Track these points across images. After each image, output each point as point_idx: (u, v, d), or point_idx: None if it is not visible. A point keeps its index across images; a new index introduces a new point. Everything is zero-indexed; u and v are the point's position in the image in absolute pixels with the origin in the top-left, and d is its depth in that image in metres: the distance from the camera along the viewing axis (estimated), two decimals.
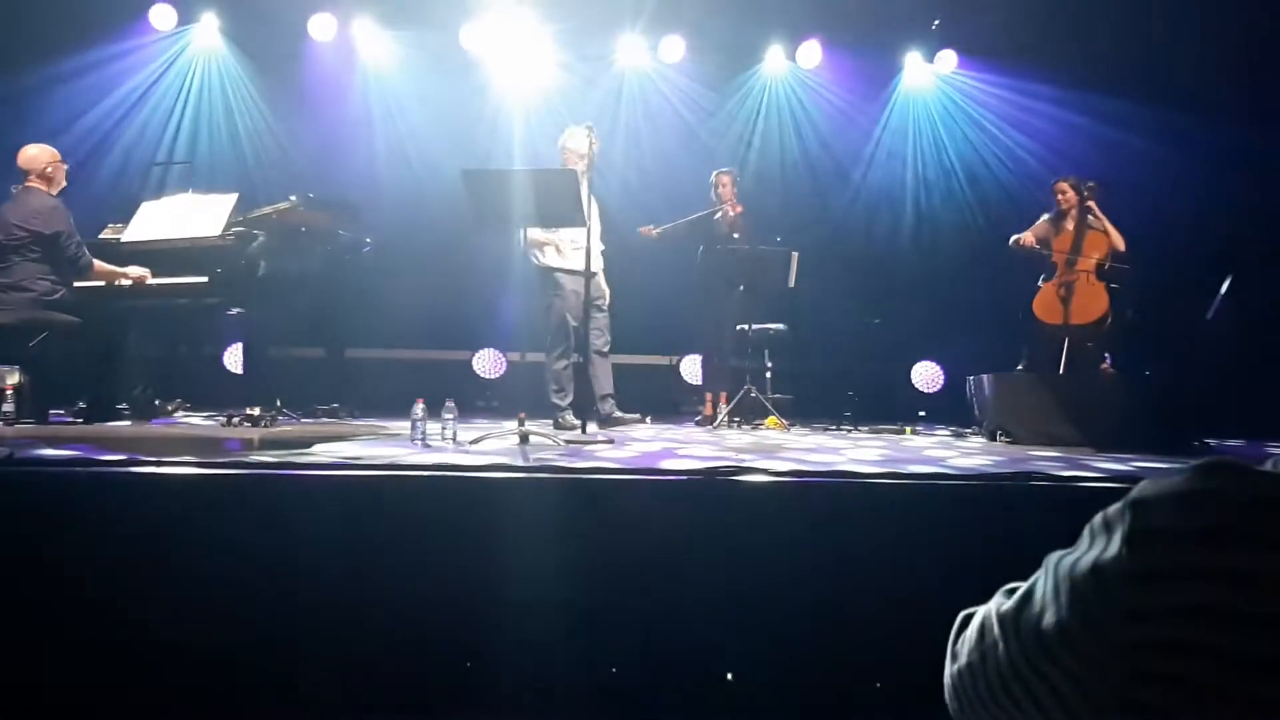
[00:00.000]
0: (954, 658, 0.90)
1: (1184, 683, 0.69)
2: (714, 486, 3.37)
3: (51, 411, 5.25)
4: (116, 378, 5.36)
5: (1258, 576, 0.68)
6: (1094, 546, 0.76)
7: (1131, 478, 3.72)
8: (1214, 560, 0.69)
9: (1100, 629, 0.74)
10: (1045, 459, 4.49)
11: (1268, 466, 0.77)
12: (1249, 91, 7.67)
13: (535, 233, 5.75)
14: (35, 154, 5.32)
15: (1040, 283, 6.38)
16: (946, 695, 0.90)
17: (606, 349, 5.99)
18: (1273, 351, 6.76)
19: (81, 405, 5.30)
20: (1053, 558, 0.80)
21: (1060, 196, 6.50)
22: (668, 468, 3.67)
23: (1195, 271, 6.69)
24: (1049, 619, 0.77)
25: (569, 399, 5.84)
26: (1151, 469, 4.13)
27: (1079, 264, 6.23)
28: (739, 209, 6.93)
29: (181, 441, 4.57)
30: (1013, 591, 0.85)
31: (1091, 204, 6.36)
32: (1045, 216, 6.60)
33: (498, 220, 5.05)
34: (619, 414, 5.75)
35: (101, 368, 5.30)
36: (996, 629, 0.84)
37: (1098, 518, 0.77)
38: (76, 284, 5.30)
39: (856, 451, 4.81)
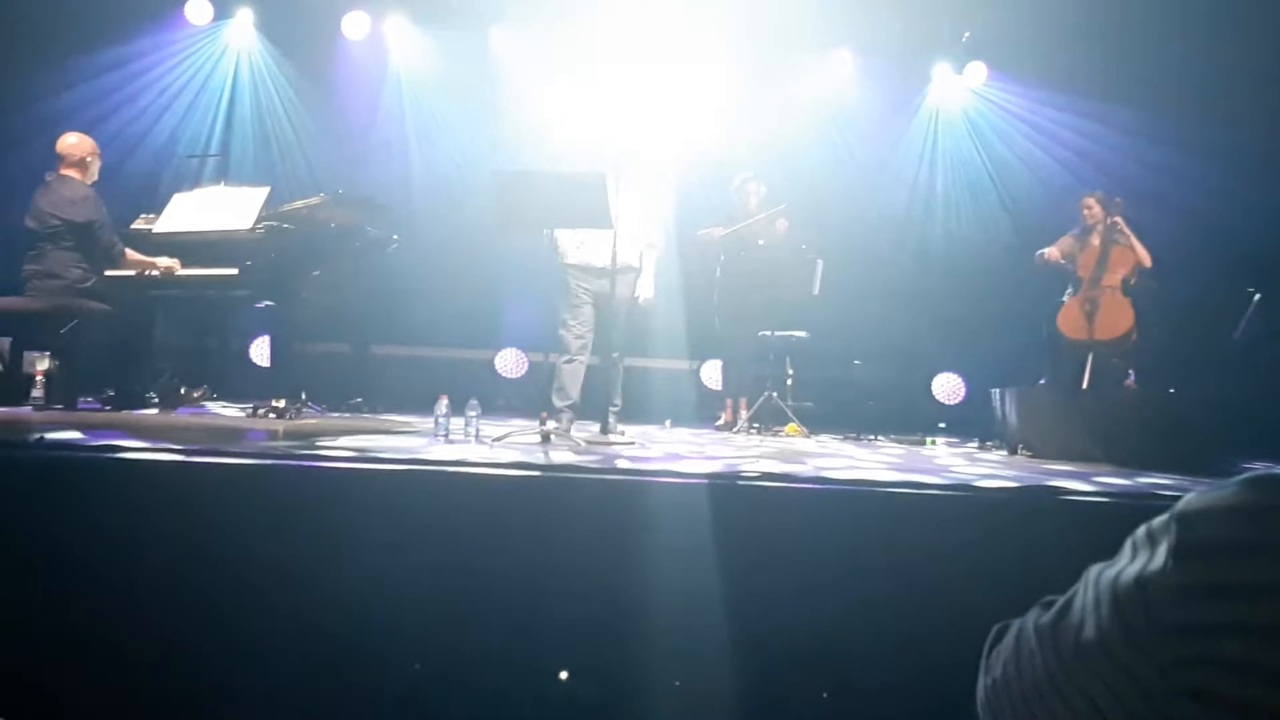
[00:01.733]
0: (988, 670, 0.89)
1: (1228, 701, 0.68)
2: (735, 491, 3.38)
3: (80, 398, 5.31)
4: (145, 366, 5.41)
5: None
6: (1138, 559, 0.74)
7: (1154, 495, 3.70)
8: (1264, 576, 0.68)
9: (1143, 643, 0.73)
10: (1067, 474, 4.47)
11: None
12: None
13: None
14: (75, 142, 5.38)
15: (1065, 297, 6.36)
16: (979, 707, 0.89)
17: (615, 354, 5.52)
18: None
19: (110, 393, 5.35)
20: (1093, 570, 0.79)
21: (1086, 212, 6.48)
22: (687, 471, 3.67)
23: (1223, 289, 6.64)
24: (1089, 631, 0.76)
25: (565, 399, 5.44)
26: (1174, 486, 4.10)
27: (1104, 280, 6.19)
28: (785, 224, 6.84)
29: (207, 431, 4.61)
30: (1050, 604, 0.83)
31: (1119, 220, 6.32)
32: (1072, 232, 6.57)
33: (525, 222, 5.07)
34: (610, 426, 5.20)
35: (130, 356, 5.36)
36: (1034, 641, 0.82)
37: (1141, 530, 0.76)
38: (108, 273, 5.35)
39: (878, 461, 4.80)
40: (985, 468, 4.69)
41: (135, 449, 3.31)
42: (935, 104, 9.11)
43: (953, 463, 5.00)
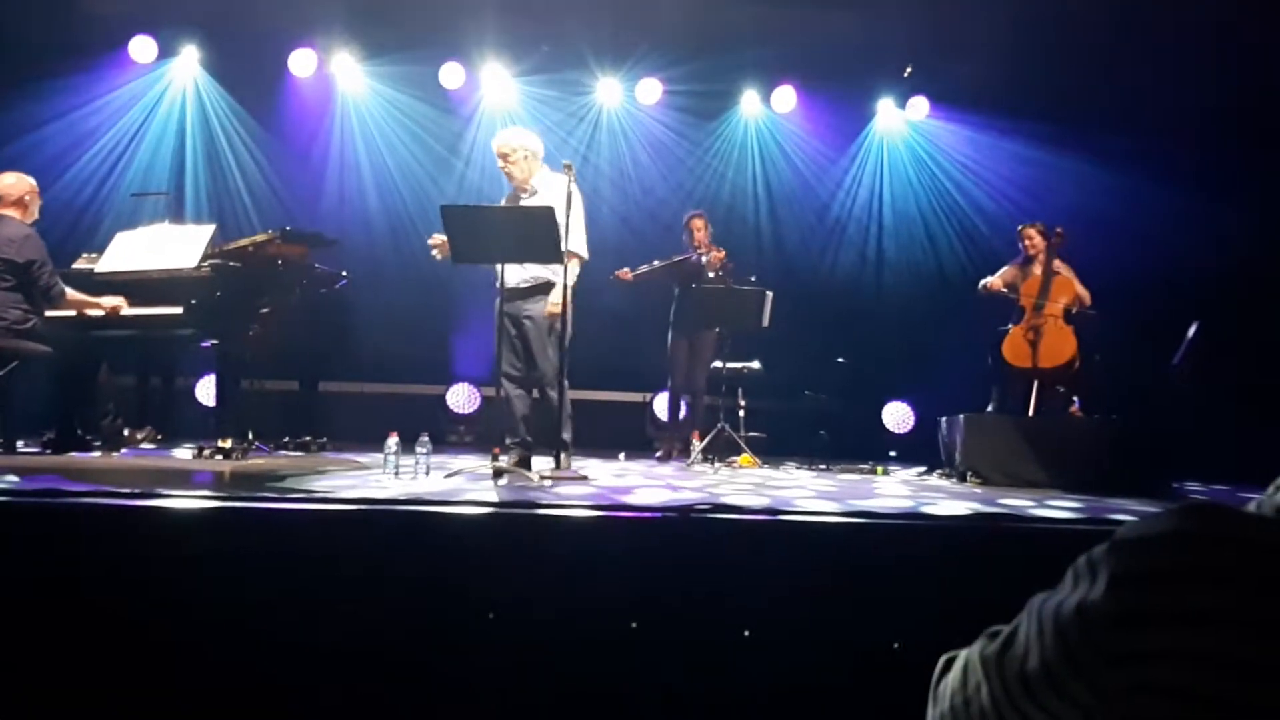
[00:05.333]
0: (935, 701, 0.90)
1: None
2: (688, 524, 3.38)
3: (19, 442, 5.19)
4: (87, 408, 5.30)
5: (1244, 619, 0.68)
6: (1078, 588, 0.75)
7: (1101, 520, 3.76)
8: (1200, 603, 0.69)
9: (1086, 672, 0.73)
10: (1016, 501, 4.53)
11: (1251, 508, 0.77)
12: (1216, 137, 7.83)
13: None
14: (12, 182, 5.28)
15: (1009, 326, 6.46)
16: None
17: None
18: (1238, 396, 6.86)
19: (50, 436, 5.23)
20: (1036, 600, 0.79)
21: (1028, 242, 6.61)
22: (641, 506, 3.67)
23: (1163, 316, 6.80)
24: (1033, 662, 0.77)
25: (512, 435, 5.19)
26: (1119, 509, 4.17)
27: (1047, 308, 6.31)
28: (721, 254, 6.94)
29: (152, 473, 4.52)
30: (995, 634, 0.84)
31: (1057, 260, 6.44)
32: (1014, 261, 6.70)
33: (476, 256, 5.07)
34: (561, 461, 4.99)
35: (72, 398, 5.25)
36: (980, 672, 0.83)
37: (1081, 559, 0.77)
38: (48, 313, 5.25)
39: (830, 491, 4.83)
40: (934, 495, 4.74)
41: (75, 494, 3.24)
42: (879, 137, 9.29)
43: (902, 491, 5.05)
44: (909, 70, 8.81)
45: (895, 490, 5.09)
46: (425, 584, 3.03)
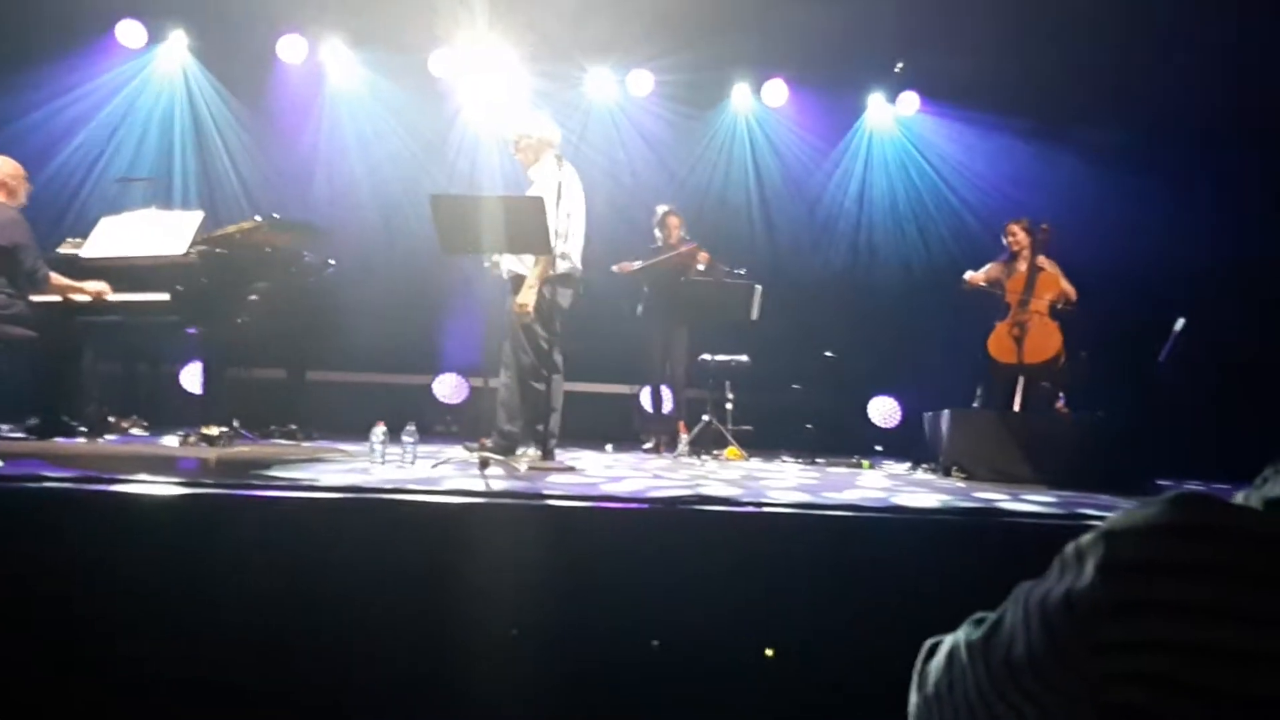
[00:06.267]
0: (919, 686, 0.90)
1: (1153, 716, 0.69)
2: (673, 515, 3.39)
3: (3, 426, 5.16)
4: (71, 394, 5.27)
5: (1230, 610, 0.68)
6: (1066, 577, 0.75)
7: (1074, 515, 3.78)
8: (1187, 593, 0.69)
9: (1073, 660, 0.73)
10: (1000, 496, 4.55)
11: (1238, 500, 0.78)
12: (1206, 134, 7.85)
13: None
14: None
15: (995, 322, 6.48)
16: None
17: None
18: (1223, 393, 6.90)
19: (34, 421, 5.20)
20: (1023, 587, 0.79)
21: (1011, 238, 6.61)
22: (625, 496, 3.67)
23: (1148, 313, 6.83)
24: (1019, 648, 0.77)
25: (496, 424, 5.20)
26: (1094, 504, 4.19)
27: (1032, 304, 6.33)
28: (706, 254, 6.95)
29: (136, 460, 4.50)
30: (981, 621, 0.84)
31: (1041, 258, 6.44)
32: (1000, 258, 6.70)
33: (464, 246, 5.04)
34: (547, 451, 5.00)
35: (56, 383, 5.22)
36: (965, 657, 0.83)
37: (1069, 548, 0.76)
38: (33, 298, 5.22)
39: (810, 483, 4.84)
40: (919, 489, 4.75)
41: (57, 478, 3.22)
42: (870, 132, 9.29)
43: (888, 484, 5.06)
44: (900, 65, 8.81)
45: (876, 483, 5.10)
46: (410, 571, 3.02)
